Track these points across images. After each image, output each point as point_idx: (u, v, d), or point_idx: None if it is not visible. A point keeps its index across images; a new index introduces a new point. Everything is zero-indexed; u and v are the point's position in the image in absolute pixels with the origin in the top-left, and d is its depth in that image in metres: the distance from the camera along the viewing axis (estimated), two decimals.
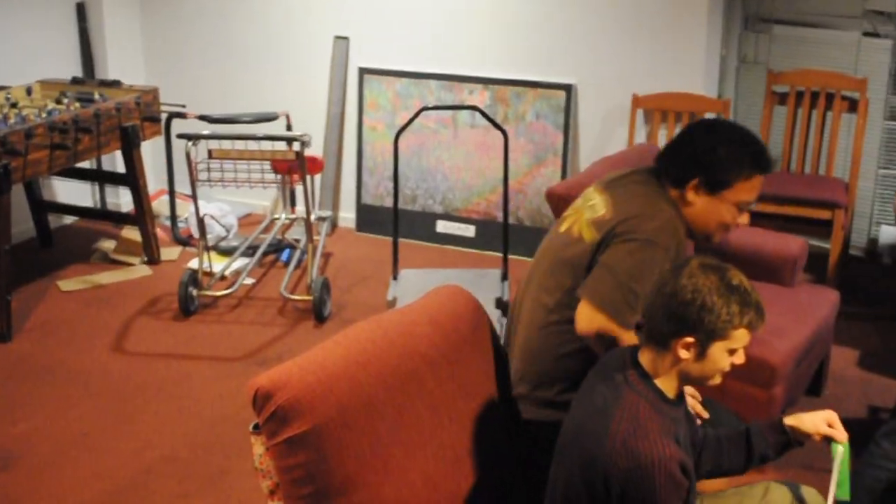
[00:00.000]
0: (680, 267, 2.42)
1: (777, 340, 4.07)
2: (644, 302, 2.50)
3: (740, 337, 2.39)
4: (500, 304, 4.88)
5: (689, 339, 2.37)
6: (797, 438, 2.68)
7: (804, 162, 6.16)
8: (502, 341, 3.24)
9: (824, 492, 2.69)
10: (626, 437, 2.32)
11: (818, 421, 2.64)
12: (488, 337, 2.91)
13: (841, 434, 2.62)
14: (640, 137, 6.15)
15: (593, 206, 3.10)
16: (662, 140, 6.10)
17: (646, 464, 2.29)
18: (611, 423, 2.35)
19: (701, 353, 2.39)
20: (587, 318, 2.91)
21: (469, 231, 6.64)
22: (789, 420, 2.68)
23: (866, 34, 6.25)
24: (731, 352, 2.41)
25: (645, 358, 2.48)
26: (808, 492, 2.83)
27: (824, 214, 5.67)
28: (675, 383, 2.46)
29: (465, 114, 6.49)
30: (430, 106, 5.25)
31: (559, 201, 4.07)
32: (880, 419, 4.55)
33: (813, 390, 4.70)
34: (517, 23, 6.29)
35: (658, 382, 2.45)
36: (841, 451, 2.59)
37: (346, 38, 6.80)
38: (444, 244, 6.72)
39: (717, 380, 2.47)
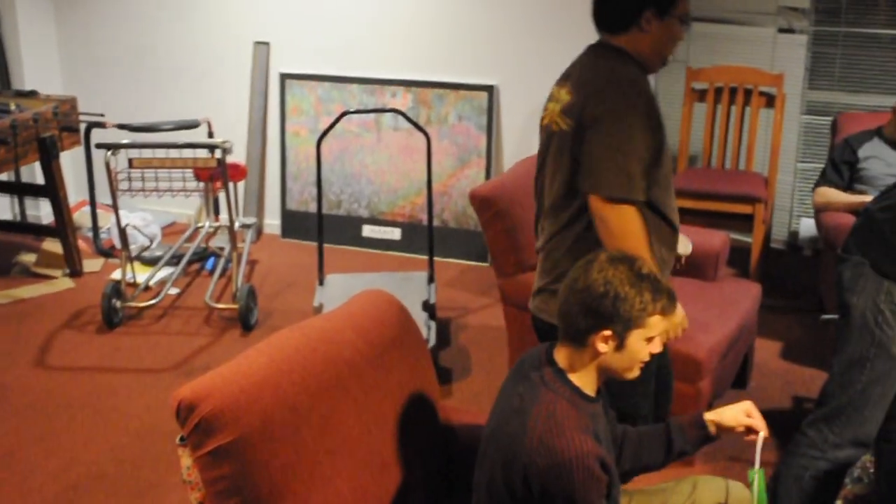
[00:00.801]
0: (589, 262, 2.45)
1: (702, 335, 4.11)
2: (560, 298, 2.51)
3: (655, 324, 2.42)
4: (427, 307, 4.88)
5: (607, 332, 2.39)
6: (718, 433, 2.71)
7: (724, 158, 6.24)
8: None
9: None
10: (544, 435, 2.33)
11: (738, 413, 2.68)
12: (414, 340, 2.90)
13: (760, 423, 2.66)
14: None
15: (559, 97, 3.15)
16: None
17: (564, 460, 2.30)
18: (528, 422, 2.36)
19: (620, 345, 2.41)
20: (601, 210, 2.94)
21: (395, 234, 6.63)
22: (710, 415, 2.71)
23: (781, 30, 6.35)
24: (649, 340, 2.44)
25: (561, 355, 2.49)
26: (734, 486, 2.86)
27: (745, 209, 5.74)
28: (594, 379, 2.48)
29: (388, 117, 6.48)
30: (352, 110, 5.22)
31: (483, 203, 4.08)
32: (804, 409, 4.61)
33: (739, 383, 4.75)
34: (438, 25, 6.30)
35: (575, 379, 2.46)
36: (757, 478, 2.62)
37: (266, 44, 6.76)
38: (371, 248, 6.71)
39: (636, 372, 2.49)
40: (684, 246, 3.08)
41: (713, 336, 4.15)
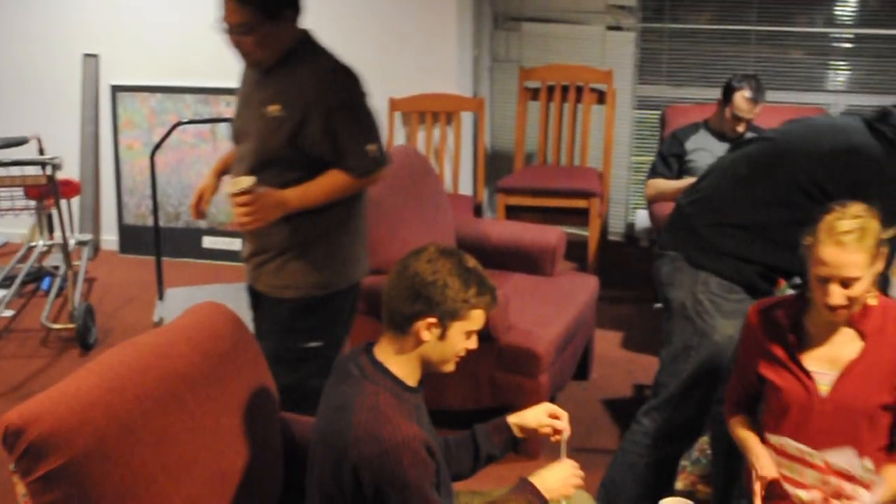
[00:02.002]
0: (418, 252, 2.48)
1: (540, 329, 4.18)
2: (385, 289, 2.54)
3: (477, 318, 2.47)
4: None
5: (431, 319, 2.42)
6: (523, 435, 2.75)
7: (559, 154, 6.35)
8: None
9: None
10: (369, 426, 2.35)
11: (539, 414, 2.73)
12: (250, 351, 2.88)
13: (562, 423, 2.70)
14: (400, 139, 6.21)
15: None
16: (421, 142, 6.18)
17: (390, 447, 2.33)
18: (352, 417, 2.38)
19: (442, 335, 2.45)
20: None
21: (236, 244, 6.57)
22: (512, 418, 2.75)
23: (610, 28, 6.50)
24: (468, 335, 2.49)
25: (382, 347, 2.52)
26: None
27: (581, 204, 5.86)
28: (415, 369, 2.51)
29: (223, 127, 6.41)
30: (185, 121, 5.16)
31: None
32: (646, 396, 4.72)
33: (580, 374, 4.85)
34: None
35: (397, 371, 2.49)
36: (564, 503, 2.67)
37: (95, 56, 6.61)
38: (213, 259, 6.63)
39: (452, 366, 2.53)
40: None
41: (551, 330, 4.22)
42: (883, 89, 6.27)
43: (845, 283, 2.52)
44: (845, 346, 2.65)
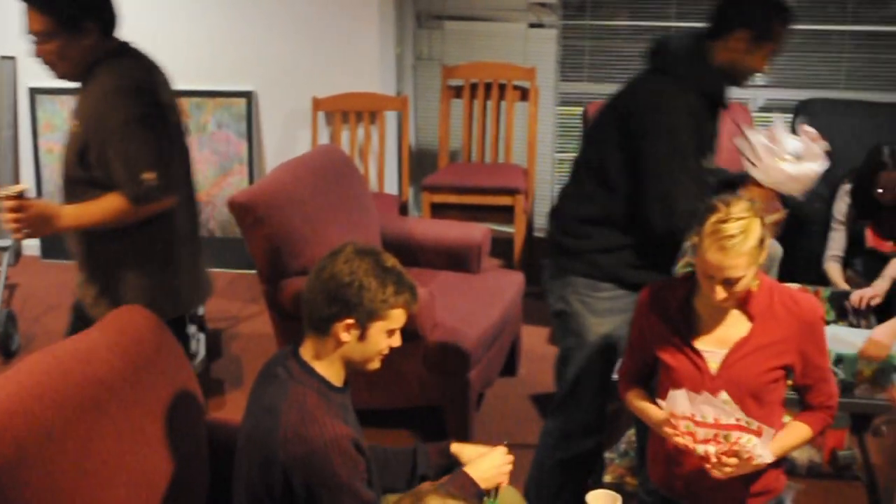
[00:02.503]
0: (336, 252, 2.49)
1: (467, 327, 4.19)
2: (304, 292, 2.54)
3: (397, 317, 2.48)
4: (195, 319, 4.81)
5: (350, 321, 2.43)
6: (460, 464, 2.76)
7: (484, 151, 6.37)
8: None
9: None
10: (297, 427, 2.36)
11: (475, 455, 2.75)
12: (175, 355, 2.86)
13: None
14: (324, 139, 6.20)
15: None
16: (345, 141, 6.17)
17: (319, 446, 2.33)
18: (280, 418, 2.38)
19: (361, 335, 2.46)
20: None
21: None
22: (455, 447, 2.77)
23: (532, 25, 6.53)
24: (390, 333, 2.50)
25: (307, 348, 2.52)
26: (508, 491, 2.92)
27: (506, 201, 5.87)
28: (339, 369, 2.52)
29: None
30: None
31: (242, 209, 4.05)
32: None
33: (508, 370, 4.87)
34: (192, 32, 6.20)
35: (322, 371, 2.49)
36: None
37: (12, 58, 6.51)
38: None
39: (377, 364, 2.55)
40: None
41: (478, 327, 4.24)
42: (800, 84, 6.37)
43: (728, 281, 2.58)
44: (734, 326, 2.73)
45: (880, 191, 4.81)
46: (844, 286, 4.49)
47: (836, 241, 5.01)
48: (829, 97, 6.18)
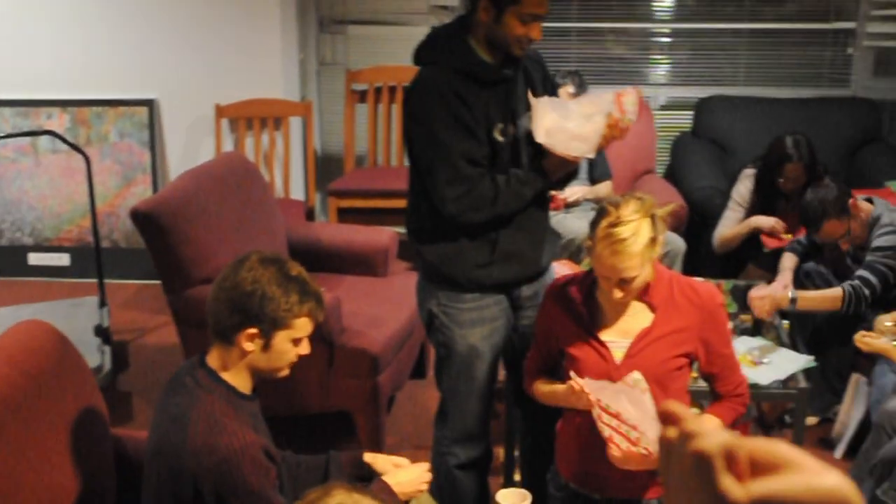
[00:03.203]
0: (240, 261, 2.47)
1: (375, 331, 4.19)
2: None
3: (302, 326, 2.47)
4: (101, 332, 4.73)
5: (253, 331, 2.41)
6: (373, 475, 2.76)
7: (389, 155, 6.37)
8: None
9: None
10: (206, 436, 2.34)
11: (389, 465, 2.77)
12: (76, 368, 2.81)
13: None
14: (228, 146, 6.15)
15: None
16: (250, 148, 6.13)
17: (229, 455, 2.32)
18: (188, 428, 2.36)
19: (266, 345, 2.44)
20: None
21: (64, 260, 6.39)
22: (368, 457, 2.77)
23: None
24: (296, 342, 2.48)
25: (213, 356, 2.50)
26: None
27: None
28: (246, 378, 2.50)
29: (45, 139, 6.22)
30: (3, 135, 5.00)
31: (144, 219, 4.00)
32: None
33: (418, 373, 4.87)
34: (90, 40, 6.10)
35: (229, 378, 2.48)
36: None
37: None
38: (39, 276, 6.43)
39: (285, 372, 2.54)
40: None
41: (387, 330, 4.24)
42: (701, 81, 6.48)
43: (624, 281, 2.63)
44: (637, 317, 2.77)
45: (783, 181, 4.93)
46: (787, 276, 4.56)
47: (730, 220, 5.11)
48: (729, 94, 6.29)
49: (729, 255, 5.22)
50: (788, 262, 4.61)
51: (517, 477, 3.87)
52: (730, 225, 5.11)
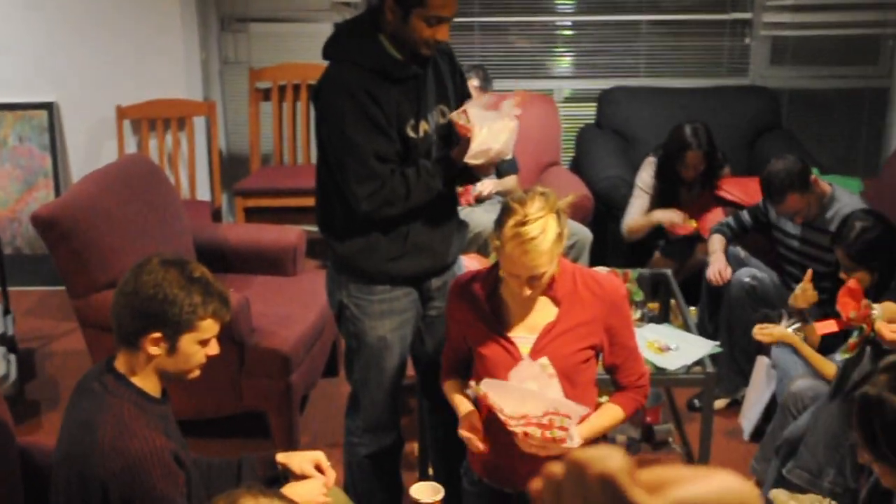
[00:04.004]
0: (141, 265, 2.44)
1: (285, 330, 4.17)
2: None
3: (208, 327, 2.45)
4: (5, 340, 4.64)
5: (157, 335, 2.39)
6: (287, 476, 2.74)
7: (295, 153, 6.34)
8: None
9: None
10: (114, 440, 2.31)
11: (305, 462, 2.73)
12: None
13: (327, 477, 2.73)
14: (131, 148, 6.06)
15: None
16: (154, 149, 6.05)
17: (138, 459, 2.29)
18: (97, 433, 2.33)
19: (171, 348, 2.42)
20: None
21: None
22: (281, 457, 2.75)
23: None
24: (203, 343, 2.46)
25: (121, 361, 2.47)
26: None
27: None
28: (155, 381, 2.48)
29: None
30: None
31: (45, 224, 3.94)
32: None
33: (330, 371, 4.85)
34: None
35: (138, 382, 2.45)
36: None
37: None
38: None
39: (195, 373, 2.51)
40: None
41: (297, 329, 4.23)
42: (603, 73, 6.54)
43: (534, 278, 2.65)
44: (542, 311, 2.80)
45: (683, 168, 5.02)
46: (721, 258, 4.64)
47: (637, 207, 5.20)
48: (631, 85, 6.36)
49: (635, 243, 5.30)
50: (718, 244, 4.71)
51: (431, 471, 3.89)
52: (636, 213, 5.18)
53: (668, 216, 5.07)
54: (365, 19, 3.16)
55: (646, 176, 5.19)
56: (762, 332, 3.97)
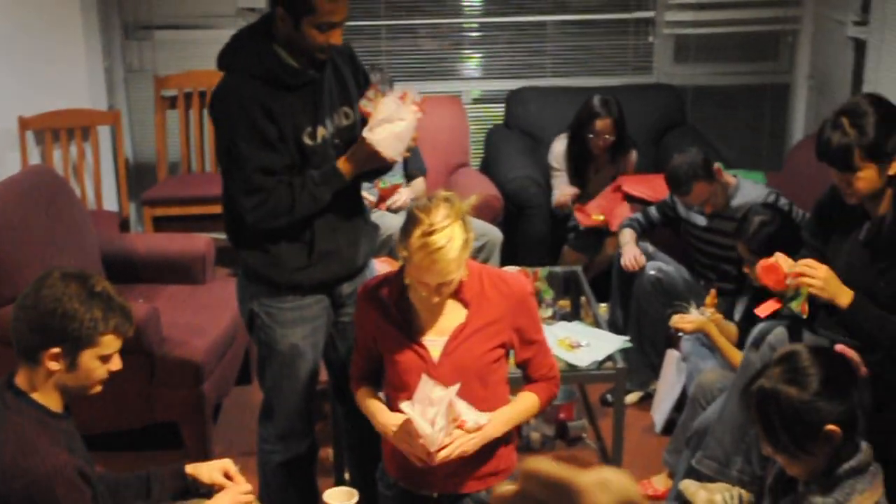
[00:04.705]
0: (41, 279, 2.40)
1: (196, 339, 4.14)
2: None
3: (109, 343, 2.41)
4: None
5: (56, 350, 2.35)
6: (198, 487, 2.71)
7: (204, 161, 6.28)
8: None
9: None
10: (16, 457, 2.27)
11: (213, 471, 2.71)
12: None
13: (239, 483, 2.71)
14: (35, 159, 5.95)
15: None
16: (58, 160, 5.95)
17: (41, 477, 2.25)
18: None
19: (72, 364, 2.38)
20: None
21: None
22: (190, 468, 2.72)
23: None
24: (105, 359, 2.42)
25: (21, 377, 2.43)
26: None
27: None
28: (56, 396, 2.44)
29: None
30: None
31: None
32: None
33: (244, 379, 4.81)
34: None
35: (39, 398, 2.41)
36: None
37: None
38: None
39: (97, 389, 2.48)
40: None
41: (208, 337, 4.20)
42: (511, 74, 6.58)
43: (443, 285, 2.67)
44: (451, 314, 2.81)
45: (593, 137, 5.19)
46: (633, 248, 4.69)
47: (557, 185, 5.36)
48: (538, 85, 6.41)
49: (543, 241, 5.38)
50: (629, 236, 4.78)
51: (348, 476, 3.88)
52: (557, 190, 5.45)
53: (561, 195, 5.30)
54: (258, 28, 3.14)
55: (557, 152, 5.38)
56: (682, 320, 4.03)
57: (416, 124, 3.11)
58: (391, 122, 3.05)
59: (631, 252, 4.67)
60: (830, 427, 2.32)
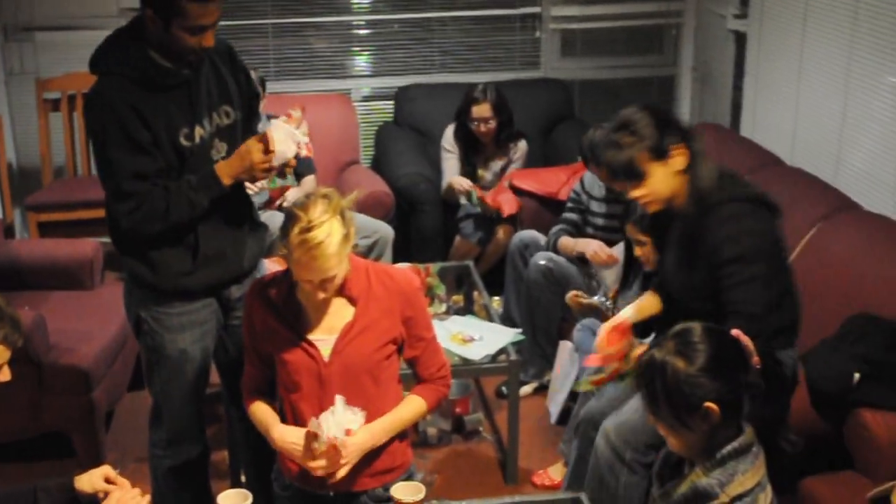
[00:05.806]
0: None
1: (84, 346, 4.08)
2: None
3: None
4: None
5: None
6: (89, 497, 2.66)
7: (89, 164, 6.17)
8: None
9: None
10: None
11: (95, 479, 2.62)
12: None
13: (121, 488, 2.66)
14: None
15: None
16: None
17: None
18: None
19: None
20: None
21: None
22: (77, 479, 2.64)
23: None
24: None
25: None
26: None
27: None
28: None
29: None
30: None
31: None
32: None
33: (136, 384, 4.73)
34: None
35: None
36: None
37: None
38: None
39: None
40: None
41: (97, 344, 4.15)
42: (400, 71, 6.58)
43: (325, 281, 2.67)
44: (339, 312, 2.81)
45: (475, 123, 5.29)
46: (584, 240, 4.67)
47: (448, 170, 5.58)
48: (426, 82, 6.44)
49: (436, 236, 5.40)
50: (571, 240, 4.63)
51: (244, 478, 3.86)
52: (448, 174, 5.54)
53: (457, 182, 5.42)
54: (130, 29, 3.08)
55: (448, 136, 5.57)
56: (576, 299, 4.05)
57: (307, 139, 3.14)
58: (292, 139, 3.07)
59: (591, 244, 4.52)
60: (709, 404, 2.36)
